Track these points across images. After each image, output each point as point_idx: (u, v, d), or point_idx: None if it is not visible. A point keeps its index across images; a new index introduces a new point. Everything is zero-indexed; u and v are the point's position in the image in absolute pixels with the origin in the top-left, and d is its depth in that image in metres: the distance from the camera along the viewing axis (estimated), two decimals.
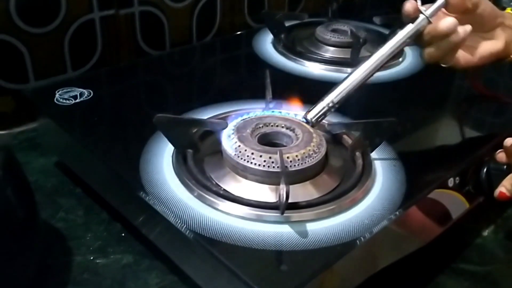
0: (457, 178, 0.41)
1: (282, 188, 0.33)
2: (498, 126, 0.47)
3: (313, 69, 0.56)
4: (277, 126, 0.40)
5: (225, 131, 0.39)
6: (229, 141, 0.38)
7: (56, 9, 0.54)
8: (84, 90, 0.48)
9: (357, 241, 0.33)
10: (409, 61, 0.59)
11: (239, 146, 0.37)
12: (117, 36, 0.61)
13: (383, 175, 0.39)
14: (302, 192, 0.36)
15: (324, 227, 0.34)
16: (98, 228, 0.43)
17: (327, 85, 0.52)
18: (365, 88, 0.52)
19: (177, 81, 0.53)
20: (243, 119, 0.41)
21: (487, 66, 0.44)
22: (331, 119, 0.42)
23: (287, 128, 0.40)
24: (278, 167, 0.35)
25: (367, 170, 0.38)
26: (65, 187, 0.47)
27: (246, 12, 0.73)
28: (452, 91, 0.54)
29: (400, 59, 0.58)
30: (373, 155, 0.40)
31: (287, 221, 0.34)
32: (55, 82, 0.50)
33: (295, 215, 0.34)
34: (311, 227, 0.33)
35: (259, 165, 0.36)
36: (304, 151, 0.37)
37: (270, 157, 0.36)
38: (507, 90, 0.56)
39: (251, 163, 0.36)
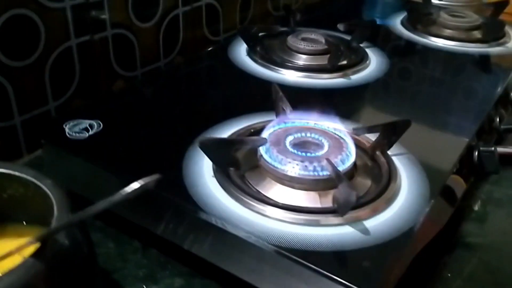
0: (458, 163, 0.47)
1: (344, 190, 0.36)
2: (476, 111, 0.54)
3: (293, 77, 0.59)
4: (305, 135, 0.43)
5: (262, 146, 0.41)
6: (271, 155, 0.40)
7: (36, 40, 0.52)
8: (91, 121, 0.47)
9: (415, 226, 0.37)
10: (373, 67, 0.63)
11: (282, 159, 0.40)
12: (93, 61, 0.60)
13: (404, 168, 0.44)
14: None
15: (381, 221, 0.37)
16: (135, 257, 0.43)
17: (311, 91, 0.57)
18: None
19: (176, 102, 0.54)
20: (271, 133, 0.43)
21: None
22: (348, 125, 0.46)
23: (314, 136, 0.43)
24: (325, 173, 0.39)
25: (392, 165, 0.43)
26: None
27: (205, 26, 0.75)
28: (424, 88, 0.61)
29: (368, 62, 0.64)
30: (389, 152, 0.45)
31: (347, 223, 0.37)
32: (54, 117, 0.49)
33: (353, 216, 0.37)
34: (370, 224, 0.37)
35: (307, 174, 0.39)
36: (341, 155, 0.40)
37: (316, 165, 0.39)
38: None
39: (298, 173, 0.39)
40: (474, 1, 1.13)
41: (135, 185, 0.23)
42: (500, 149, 0.53)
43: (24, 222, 0.36)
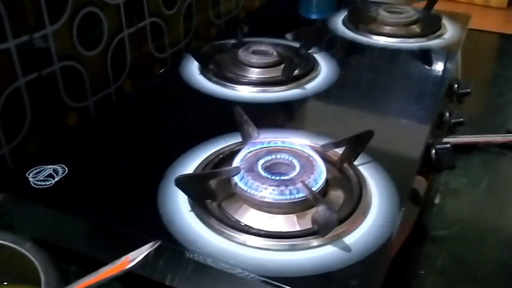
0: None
1: (324, 212, 0.37)
2: (427, 109, 0.57)
3: (248, 92, 0.60)
4: (275, 157, 0.44)
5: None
6: (246, 183, 0.41)
7: None
8: (55, 166, 0.46)
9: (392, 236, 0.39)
10: (325, 73, 0.65)
11: (258, 185, 0.40)
12: (44, 97, 0.58)
13: (372, 177, 0.45)
14: None
15: (359, 236, 0.39)
16: None
17: (270, 106, 0.58)
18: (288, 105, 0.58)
19: (138, 133, 0.53)
20: (242, 159, 0.44)
21: None
22: (317, 141, 0.47)
23: (284, 157, 0.44)
24: (302, 195, 0.40)
25: (361, 176, 0.44)
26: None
27: (150, 45, 0.74)
28: (375, 89, 0.63)
29: (319, 69, 0.65)
30: (355, 163, 0.47)
31: (328, 243, 0.38)
32: (14, 167, 0.47)
33: (333, 235, 0.38)
34: (349, 240, 0.38)
35: (284, 198, 0.40)
36: (313, 174, 0.42)
37: (291, 188, 0.40)
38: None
39: (275, 198, 0.40)
40: None
41: (138, 257, 0.23)
42: (450, 140, 0.56)
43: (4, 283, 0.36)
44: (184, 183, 0.39)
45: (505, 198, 0.55)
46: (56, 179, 0.45)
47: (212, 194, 0.41)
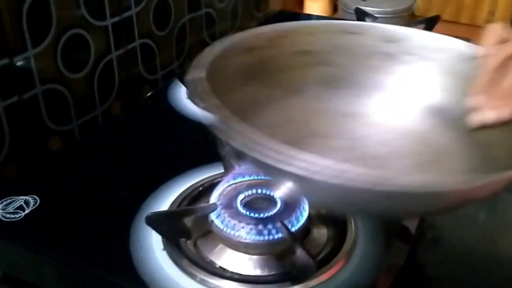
0: None
1: (302, 257, 0.35)
2: None
3: None
4: (255, 191, 0.42)
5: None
6: (223, 221, 0.39)
7: None
8: (26, 197, 0.44)
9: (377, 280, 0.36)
10: None
11: (235, 224, 0.38)
12: (24, 121, 0.56)
13: None
14: None
15: (343, 280, 0.36)
16: None
17: None
18: None
19: (118, 162, 0.51)
20: (221, 193, 0.42)
21: None
22: None
23: (265, 192, 0.42)
24: (281, 235, 0.37)
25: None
26: None
27: (141, 66, 0.72)
28: None
29: None
30: None
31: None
32: None
33: (313, 280, 0.36)
34: (330, 285, 0.36)
35: (262, 238, 0.37)
36: (295, 212, 0.39)
37: (270, 227, 0.38)
38: None
39: (252, 238, 0.37)
40: (405, 11, 1.17)
41: None
42: None
43: None
44: (155, 221, 0.37)
45: (501, 235, 0.53)
46: (26, 211, 0.43)
47: (187, 232, 0.39)
